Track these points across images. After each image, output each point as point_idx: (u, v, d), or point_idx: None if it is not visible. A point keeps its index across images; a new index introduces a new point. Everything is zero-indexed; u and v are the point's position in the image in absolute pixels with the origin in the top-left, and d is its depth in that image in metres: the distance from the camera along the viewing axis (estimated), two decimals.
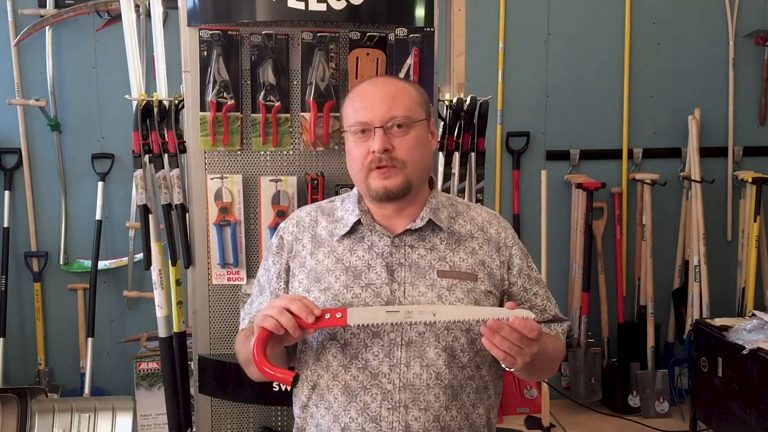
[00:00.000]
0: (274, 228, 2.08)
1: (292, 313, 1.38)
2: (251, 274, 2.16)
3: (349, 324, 1.42)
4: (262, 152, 2.16)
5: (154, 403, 3.42)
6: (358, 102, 1.50)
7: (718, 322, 3.28)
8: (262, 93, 2.11)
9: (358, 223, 1.54)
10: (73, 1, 3.61)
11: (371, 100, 1.49)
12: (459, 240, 1.54)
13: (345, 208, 1.58)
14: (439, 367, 1.47)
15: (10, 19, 3.62)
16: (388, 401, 1.46)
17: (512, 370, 1.43)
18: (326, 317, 1.40)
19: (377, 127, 1.46)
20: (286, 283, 1.57)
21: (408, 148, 1.48)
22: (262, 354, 1.40)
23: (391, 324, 1.46)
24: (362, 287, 1.49)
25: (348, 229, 1.53)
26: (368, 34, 2.11)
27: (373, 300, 1.48)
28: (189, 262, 2.23)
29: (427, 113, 1.55)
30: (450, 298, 1.48)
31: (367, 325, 1.46)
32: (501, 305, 1.52)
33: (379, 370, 1.46)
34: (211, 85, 2.09)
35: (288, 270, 1.58)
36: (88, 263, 3.72)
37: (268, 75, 2.10)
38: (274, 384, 2.09)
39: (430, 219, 1.53)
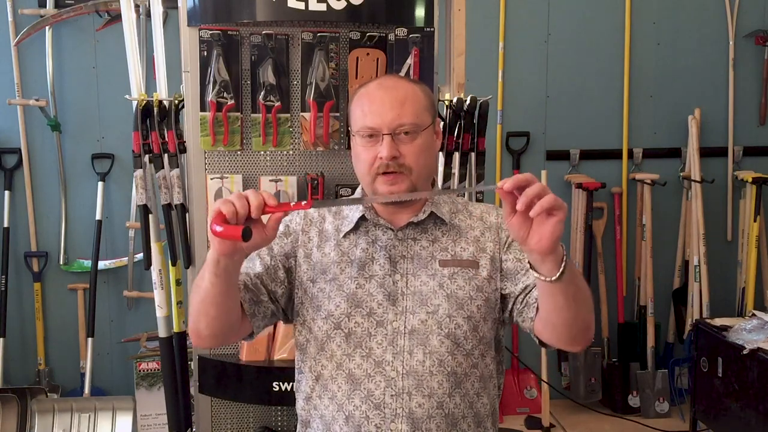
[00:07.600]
0: None
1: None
2: None
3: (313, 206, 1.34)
4: (262, 152, 2.16)
5: (154, 403, 3.42)
6: (367, 105, 1.49)
7: (718, 322, 3.27)
8: (262, 93, 2.11)
9: (362, 219, 1.56)
10: (73, 1, 3.61)
11: (380, 104, 1.48)
12: (460, 231, 1.56)
13: (349, 206, 1.60)
14: (442, 354, 1.49)
15: (10, 19, 3.62)
16: (392, 388, 1.48)
17: (553, 279, 1.28)
18: (291, 204, 1.32)
19: (385, 134, 1.47)
20: (287, 269, 1.55)
21: (415, 154, 1.49)
22: (217, 221, 1.30)
23: (394, 313, 1.49)
24: (366, 278, 1.51)
25: (352, 225, 1.55)
26: (368, 34, 2.11)
27: (376, 290, 1.50)
28: (189, 262, 2.23)
29: (434, 115, 1.55)
30: (451, 287, 1.50)
31: (366, 301, 1.48)
32: (501, 294, 1.53)
33: (383, 358, 1.48)
34: (211, 85, 2.09)
35: (292, 255, 1.56)
36: (88, 263, 3.72)
37: (268, 75, 2.10)
38: (274, 384, 2.09)
39: (432, 212, 1.55)
